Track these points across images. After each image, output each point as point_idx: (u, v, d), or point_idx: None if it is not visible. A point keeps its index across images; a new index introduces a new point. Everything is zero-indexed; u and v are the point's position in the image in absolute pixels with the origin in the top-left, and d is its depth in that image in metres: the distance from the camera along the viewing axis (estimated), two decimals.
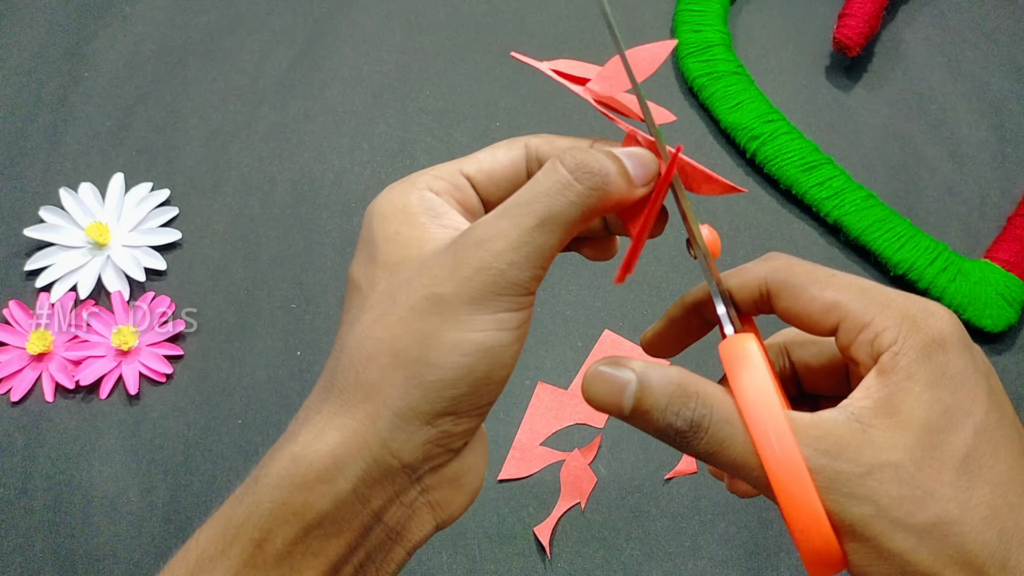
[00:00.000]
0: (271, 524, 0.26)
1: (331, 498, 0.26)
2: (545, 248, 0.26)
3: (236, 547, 0.27)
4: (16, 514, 0.52)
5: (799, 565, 0.50)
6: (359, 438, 0.26)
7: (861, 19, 0.63)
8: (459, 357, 0.26)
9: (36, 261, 0.58)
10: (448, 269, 0.26)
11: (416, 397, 0.26)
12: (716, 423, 0.26)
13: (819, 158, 0.60)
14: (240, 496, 0.28)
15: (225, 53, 0.67)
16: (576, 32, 0.68)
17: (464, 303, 0.26)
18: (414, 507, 0.28)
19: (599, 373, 0.27)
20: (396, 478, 0.27)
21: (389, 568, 0.29)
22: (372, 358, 0.27)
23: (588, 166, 0.27)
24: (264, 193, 0.62)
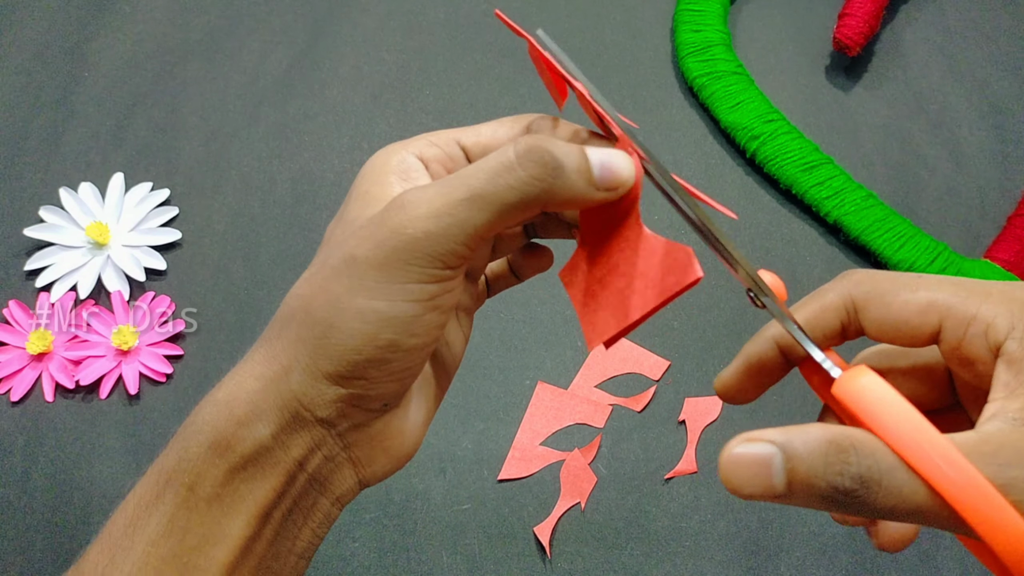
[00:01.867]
0: (200, 467, 0.27)
1: (252, 442, 0.27)
2: (469, 224, 0.25)
3: (169, 492, 0.27)
4: (16, 514, 0.52)
5: (799, 565, 0.51)
6: (275, 388, 0.27)
7: (861, 19, 0.63)
8: (361, 324, 0.25)
9: (36, 261, 0.58)
10: (369, 231, 0.26)
11: (323, 358, 0.26)
12: (887, 472, 0.22)
13: (819, 158, 0.60)
14: (172, 444, 0.28)
15: (225, 53, 0.67)
16: (576, 32, 0.68)
17: (373, 268, 0.25)
18: (336, 460, 0.28)
19: (735, 457, 0.22)
20: (313, 429, 0.27)
21: (316, 517, 0.29)
22: (293, 314, 0.27)
23: (536, 153, 0.25)
24: (264, 193, 0.62)
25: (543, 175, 0.25)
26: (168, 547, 0.27)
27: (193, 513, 0.27)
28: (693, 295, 0.58)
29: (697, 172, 0.62)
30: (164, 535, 0.27)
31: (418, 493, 0.52)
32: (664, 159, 0.63)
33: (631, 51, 0.67)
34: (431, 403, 0.31)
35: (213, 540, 0.27)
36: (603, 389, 0.55)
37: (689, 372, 0.56)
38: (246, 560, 0.28)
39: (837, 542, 0.51)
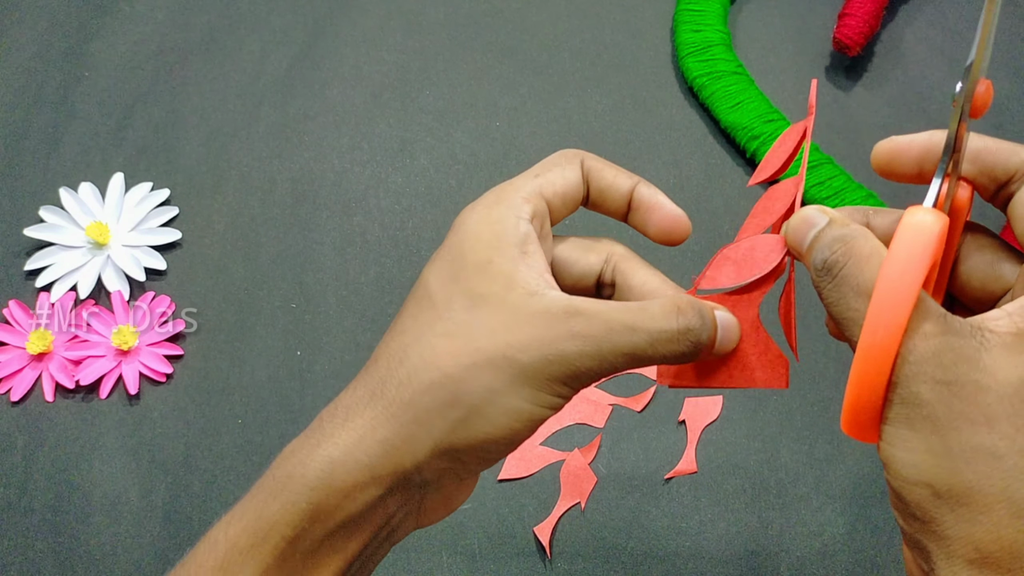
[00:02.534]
0: (306, 523, 0.28)
1: (362, 503, 0.28)
2: (618, 367, 0.28)
3: (269, 543, 0.28)
4: (16, 514, 0.52)
5: (799, 565, 0.51)
6: (399, 455, 0.28)
7: (861, 19, 0.63)
8: (509, 420, 0.28)
9: (36, 261, 0.58)
10: (536, 343, 0.27)
11: (458, 438, 0.28)
12: (846, 272, 0.25)
13: (819, 158, 0.60)
14: (274, 492, 0.29)
15: (225, 53, 0.67)
16: (576, 32, 0.68)
17: (533, 378, 0.27)
18: (412, 514, 0.31)
19: (804, 215, 0.28)
20: (413, 491, 0.29)
21: (378, 561, 0.31)
22: (432, 387, 0.28)
23: (695, 334, 0.28)
24: (264, 193, 0.62)
25: (691, 351, 0.28)
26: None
27: (289, 565, 0.28)
28: None
29: (697, 172, 0.62)
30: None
31: None
32: (664, 159, 0.63)
33: (631, 51, 0.67)
34: None
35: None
36: (603, 389, 0.55)
37: None
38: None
39: (837, 542, 0.51)
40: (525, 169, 0.33)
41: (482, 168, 0.63)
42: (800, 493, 0.52)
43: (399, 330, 0.30)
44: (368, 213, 0.61)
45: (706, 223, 0.60)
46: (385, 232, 0.60)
